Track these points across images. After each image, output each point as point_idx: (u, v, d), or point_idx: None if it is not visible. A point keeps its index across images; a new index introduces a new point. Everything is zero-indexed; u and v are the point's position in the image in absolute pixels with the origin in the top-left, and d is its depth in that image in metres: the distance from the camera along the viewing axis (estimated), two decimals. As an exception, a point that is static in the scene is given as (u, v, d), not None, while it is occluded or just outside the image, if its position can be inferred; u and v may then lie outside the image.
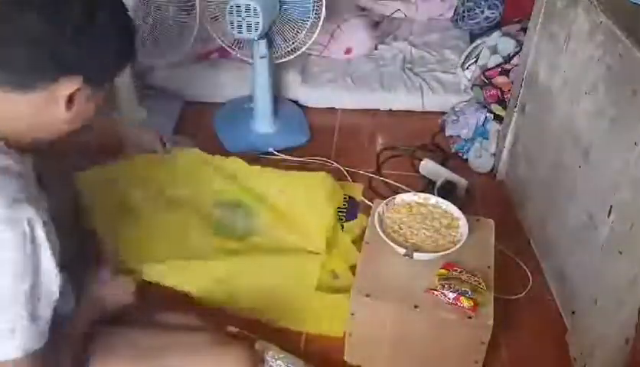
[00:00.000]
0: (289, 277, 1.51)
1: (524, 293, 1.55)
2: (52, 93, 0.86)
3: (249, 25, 1.81)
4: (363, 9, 2.80)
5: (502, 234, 1.45)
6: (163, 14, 1.91)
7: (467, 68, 2.25)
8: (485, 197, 1.89)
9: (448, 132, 2.15)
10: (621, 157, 1.22)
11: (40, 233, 0.83)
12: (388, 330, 1.27)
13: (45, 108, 0.87)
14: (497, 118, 1.99)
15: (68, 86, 0.86)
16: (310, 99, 2.32)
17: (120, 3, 0.93)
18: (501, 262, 1.35)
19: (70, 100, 0.88)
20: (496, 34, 2.12)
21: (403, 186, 1.88)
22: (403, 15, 2.79)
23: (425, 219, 1.37)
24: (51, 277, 0.86)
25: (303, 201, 1.66)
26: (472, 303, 1.19)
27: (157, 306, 1.27)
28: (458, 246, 1.29)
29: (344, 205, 1.79)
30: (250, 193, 1.69)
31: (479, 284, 1.23)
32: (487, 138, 2.00)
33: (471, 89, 2.16)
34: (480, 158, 2.00)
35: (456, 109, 2.17)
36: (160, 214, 1.62)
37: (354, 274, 1.34)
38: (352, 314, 1.28)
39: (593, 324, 1.32)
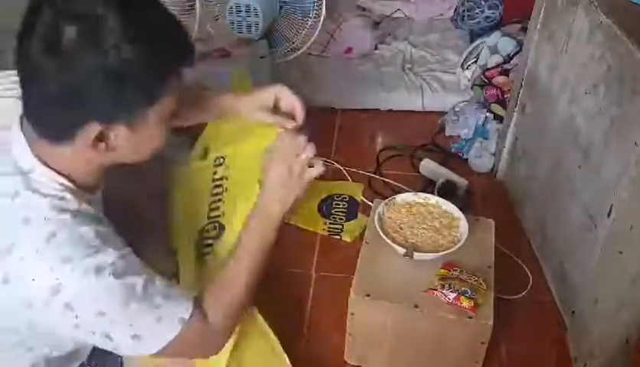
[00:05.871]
0: None
1: (524, 293, 1.55)
2: (82, 141, 0.81)
3: (249, 25, 1.81)
4: (363, 9, 2.81)
5: (502, 234, 1.45)
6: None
7: (467, 68, 2.25)
8: (485, 197, 1.89)
9: (448, 132, 2.15)
10: (621, 157, 1.22)
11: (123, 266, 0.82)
12: (388, 330, 1.27)
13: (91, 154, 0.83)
14: (497, 118, 1.99)
15: (86, 133, 0.80)
16: (310, 98, 2.32)
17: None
18: (501, 262, 1.35)
19: (96, 143, 0.81)
20: (496, 34, 2.12)
21: (403, 186, 1.88)
22: (403, 15, 2.80)
23: (425, 219, 1.37)
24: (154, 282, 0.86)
25: None
26: (472, 303, 1.19)
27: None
28: (458, 246, 1.28)
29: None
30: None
31: (479, 284, 1.23)
32: (487, 138, 2.00)
33: (471, 89, 2.16)
34: (480, 158, 2.00)
35: (456, 109, 2.17)
36: None
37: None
38: (352, 314, 1.28)
39: (593, 324, 1.32)
